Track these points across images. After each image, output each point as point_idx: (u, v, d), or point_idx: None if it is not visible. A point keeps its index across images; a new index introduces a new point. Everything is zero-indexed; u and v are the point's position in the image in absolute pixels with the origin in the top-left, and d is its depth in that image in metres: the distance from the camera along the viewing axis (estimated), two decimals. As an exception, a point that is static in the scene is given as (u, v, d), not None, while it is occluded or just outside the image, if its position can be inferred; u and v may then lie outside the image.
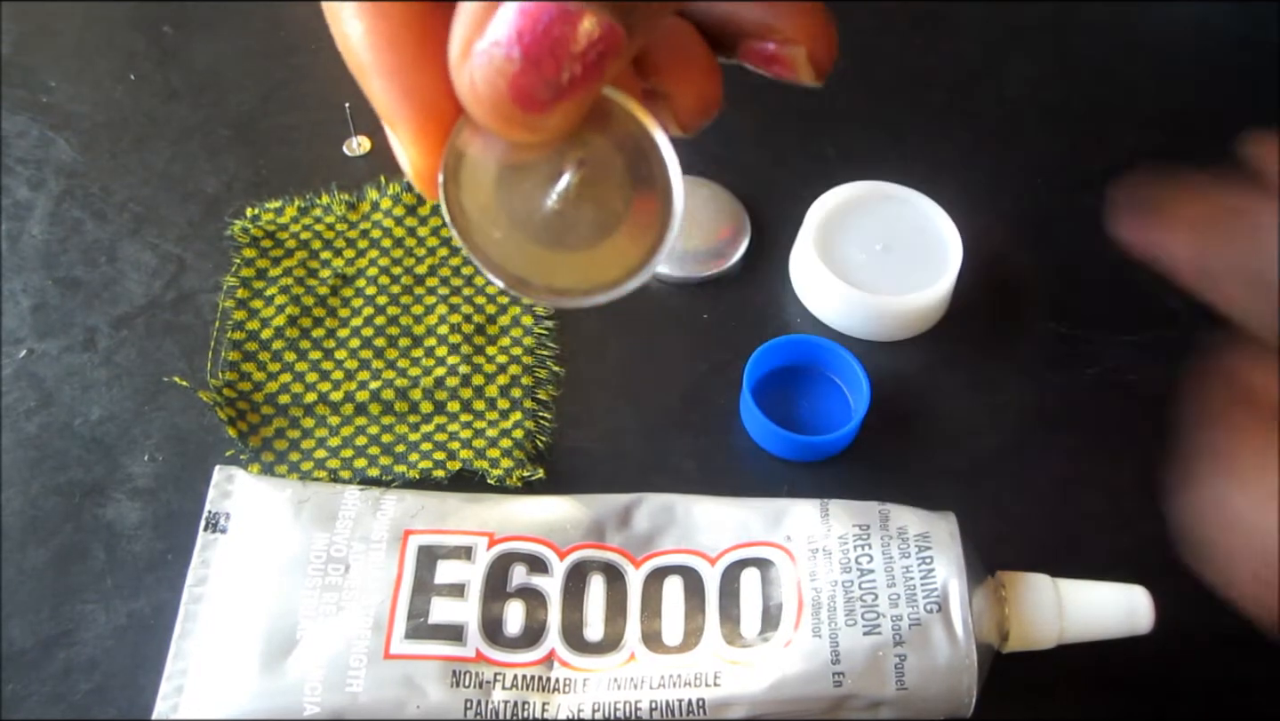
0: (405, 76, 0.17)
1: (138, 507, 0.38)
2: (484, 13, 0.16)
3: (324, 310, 0.43)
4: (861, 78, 0.53)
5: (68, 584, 0.37)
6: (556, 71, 0.15)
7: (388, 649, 0.33)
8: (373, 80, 0.18)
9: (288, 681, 0.32)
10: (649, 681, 0.33)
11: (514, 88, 0.16)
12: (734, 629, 0.33)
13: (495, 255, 0.18)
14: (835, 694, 0.32)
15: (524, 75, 0.16)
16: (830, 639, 0.32)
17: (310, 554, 0.34)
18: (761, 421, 0.40)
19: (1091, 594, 0.33)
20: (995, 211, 0.48)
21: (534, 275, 0.19)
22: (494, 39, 0.15)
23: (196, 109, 0.50)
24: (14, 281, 0.44)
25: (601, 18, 0.15)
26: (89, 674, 0.35)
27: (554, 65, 0.15)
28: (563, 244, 0.19)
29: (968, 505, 0.36)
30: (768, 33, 0.20)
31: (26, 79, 0.50)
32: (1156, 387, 0.43)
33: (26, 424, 0.40)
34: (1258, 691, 0.37)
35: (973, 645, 0.32)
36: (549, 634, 0.34)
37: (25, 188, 0.46)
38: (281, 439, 0.40)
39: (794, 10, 0.20)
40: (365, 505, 0.36)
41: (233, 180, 0.47)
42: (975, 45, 0.55)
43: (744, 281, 0.45)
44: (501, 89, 0.16)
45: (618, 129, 0.19)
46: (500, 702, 0.32)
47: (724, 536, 0.35)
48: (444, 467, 0.39)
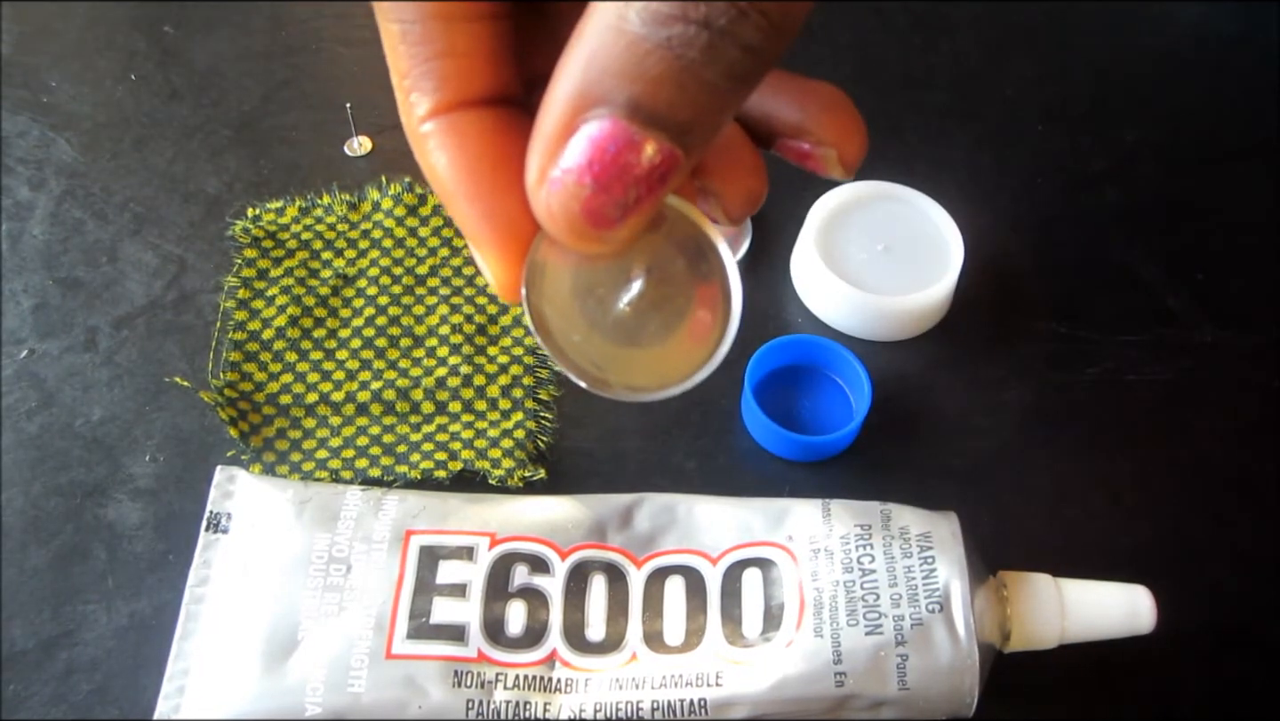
0: (486, 201, 0.19)
1: (139, 508, 0.38)
2: (557, 142, 0.17)
3: (325, 310, 0.43)
4: (861, 78, 0.53)
5: (69, 584, 0.37)
6: (623, 193, 0.17)
7: (389, 649, 0.33)
8: (458, 205, 0.20)
9: (289, 682, 0.32)
10: (651, 681, 0.33)
11: (586, 210, 0.18)
12: (736, 629, 0.33)
13: (575, 356, 0.20)
14: (837, 694, 0.32)
15: (595, 198, 0.17)
16: (832, 639, 0.32)
17: (312, 554, 0.34)
18: (763, 421, 0.40)
19: (1093, 594, 0.33)
20: (995, 211, 0.48)
21: (611, 374, 0.20)
22: (566, 166, 0.17)
23: (197, 109, 0.50)
24: (15, 281, 0.44)
25: (661, 143, 0.17)
26: (90, 674, 0.35)
27: (621, 188, 0.17)
28: (635, 343, 0.21)
29: (969, 505, 0.36)
30: (802, 134, 0.22)
31: (27, 79, 0.50)
32: (1156, 388, 0.44)
33: (28, 424, 0.40)
34: (1258, 691, 0.37)
35: (974, 645, 0.32)
36: (550, 634, 0.34)
37: (26, 188, 0.46)
38: (283, 439, 0.40)
39: (826, 113, 0.22)
40: (367, 505, 0.36)
41: (234, 180, 0.47)
42: (975, 45, 0.55)
43: (745, 282, 0.45)
44: (575, 211, 0.18)
45: (678, 232, 0.20)
46: (502, 703, 0.32)
47: (725, 536, 0.35)
48: (445, 468, 0.39)
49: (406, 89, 0.20)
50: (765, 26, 0.17)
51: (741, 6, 0.16)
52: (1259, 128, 0.51)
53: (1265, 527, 0.40)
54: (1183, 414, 0.43)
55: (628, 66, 0.17)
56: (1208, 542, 0.40)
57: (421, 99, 0.20)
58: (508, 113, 0.20)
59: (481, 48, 0.20)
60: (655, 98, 0.17)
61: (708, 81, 0.17)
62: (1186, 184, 0.48)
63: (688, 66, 0.16)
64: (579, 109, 0.17)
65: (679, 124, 0.17)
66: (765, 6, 0.16)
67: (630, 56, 0.16)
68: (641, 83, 0.17)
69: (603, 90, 0.17)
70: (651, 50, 0.16)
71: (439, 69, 0.19)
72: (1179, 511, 0.40)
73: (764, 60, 0.17)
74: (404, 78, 0.20)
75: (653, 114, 0.17)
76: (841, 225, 0.45)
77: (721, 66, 0.17)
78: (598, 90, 0.17)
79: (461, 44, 0.19)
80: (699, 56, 0.16)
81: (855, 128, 0.22)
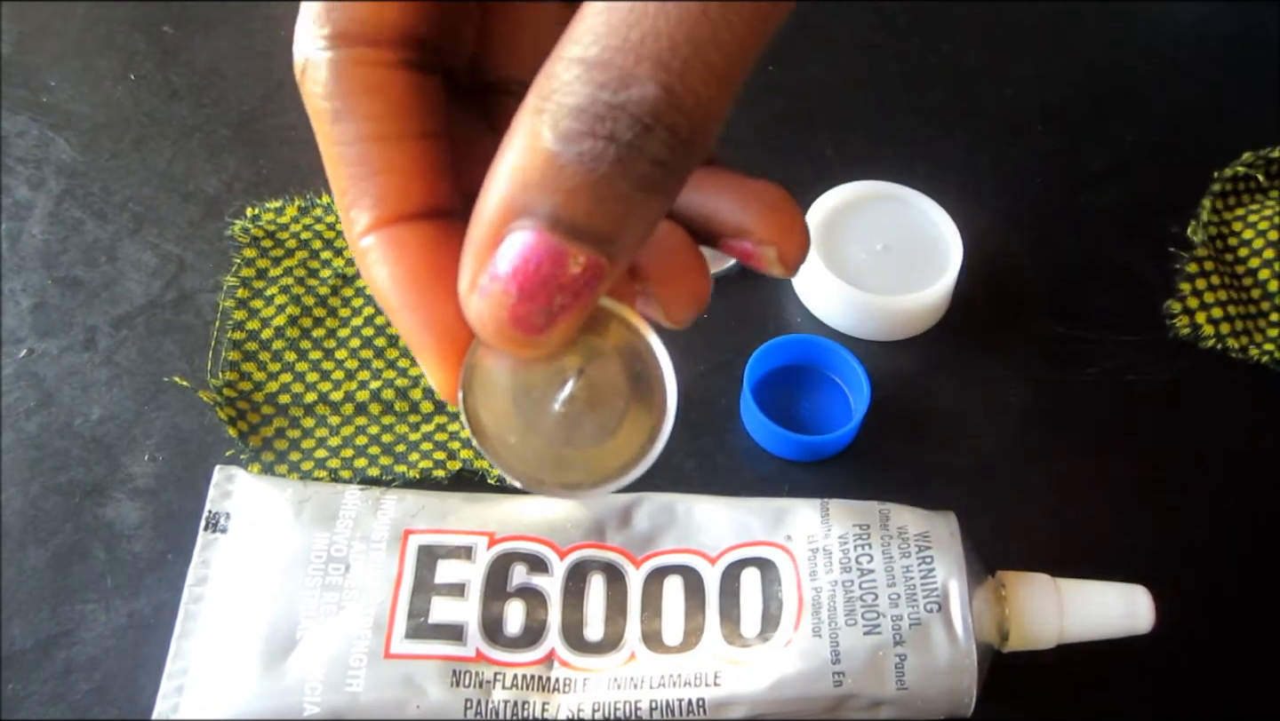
0: (424, 310, 0.20)
1: (138, 507, 0.38)
2: (485, 252, 0.18)
3: (324, 310, 0.43)
4: (862, 78, 0.53)
5: (68, 584, 0.37)
6: (548, 300, 0.18)
7: (388, 648, 0.33)
8: (399, 315, 0.21)
9: (288, 681, 0.32)
10: (649, 681, 0.33)
11: (513, 316, 0.18)
12: (734, 628, 0.33)
13: (511, 458, 0.21)
14: (835, 693, 0.32)
15: (521, 306, 0.18)
16: (830, 638, 0.32)
17: (310, 553, 0.34)
18: (762, 421, 0.40)
19: (1092, 593, 0.33)
20: (995, 211, 0.48)
21: (547, 474, 0.21)
22: (493, 275, 0.18)
23: (197, 109, 0.50)
24: (14, 281, 0.44)
25: (585, 253, 0.18)
26: (89, 674, 0.35)
27: (546, 296, 0.18)
28: (571, 443, 0.21)
29: (968, 505, 0.36)
30: (743, 234, 0.23)
31: (26, 79, 0.50)
32: (1156, 388, 0.44)
33: (27, 423, 0.40)
34: (1257, 691, 0.37)
35: (973, 645, 0.32)
36: (549, 633, 0.34)
37: (25, 187, 0.46)
38: (282, 438, 0.40)
39: (767, 213, 0.22)
40: (365, 505, 0.36)
41: (233, 180, 0.47)
42: (975, 45, 0.55)
43: (744, 281, 0.45)
44: (503, 318, 0.18)
45: (614, 333, 0.21)
46: (500, 702, 0.32)
47: (724, 536, 0.35)
48: (444, 467, 0.39)
49: (346, 205, 0.21)
50: (672, 141, 0.17)
51: (646, 122, 0.17)
52: (1259, 128, 0.51)
53: (1265, 528, 0.40)
54: (1183, 414, 0.43)
55: (546, 179, 0.17)
56: (1207, 542, 0.40)
57: (360, 215, 0.21)
58: (445, 225, 0.21)
59: (416, 165, 0.21)
60: (574, 209, 0.17)
61: (622, 193, 0.17)
62: (1186, 184, 0.48)
63: (601, 179, 0.17)
64: (504, 220, 0.18)
65: (600, 234, 0.18)
66: (672, 121, 0.17)
67: (548, 169, 0.17)
68: (560, 194, 0.17)
69: (525, 202, 0.18)
70: (566, 165, 0.17)
71: (376, 186, 0.20)
72: (1178, 511, 0.40)
73: (675, 172, 0.18)
74: (343, 195, 0.21)
75: (572, 225, 0.18)
76: (841, 225, 0.45)
77: (634, 179, 0.17)
78: (521, 202, 0.18)
79: (397, 162, 0.20)
80: (609, 170, 0.17)
81: (795, 227, 0.23)
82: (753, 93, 0.56)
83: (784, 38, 0.56)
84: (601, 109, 0.17)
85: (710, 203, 0.23)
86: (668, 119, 0.17)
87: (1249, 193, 0.48)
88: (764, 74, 0.52)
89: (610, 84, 0.17)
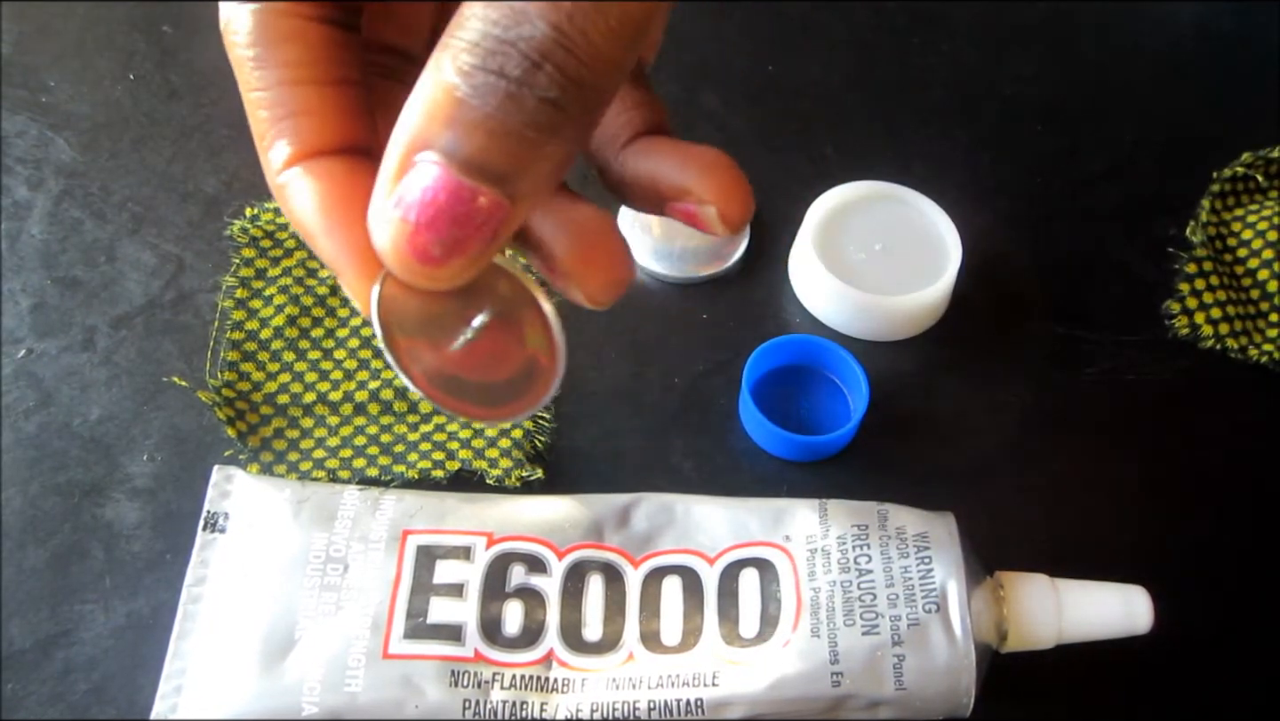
0: (338, 234, 0.21)
1: (137, 507, 0.38)
2: (391, 182, 0.19)
3: (323, 310, 0.43)
4: (861, 78, 0.53)
5: (67, 584, 0.37)
6: (445, 233, 0.19)
7: (386, 648, 0.33)
8: (316, 242, 0.21)
9: (286, 681, 0.32)
10: (647, 681, 0.33)
11: (412, 245, 0.19)
12: (733, 629, 0.33)
13: (416, 375, 0.21)
14: (834, 694, 0.32)
15: (418, 235, 0.19)
16: (829, 639, 0.32)
17: (309, 554, 0.34)
18: (760, 421, 0.40)
19: (1090, 594, 0.33)
20: (995, 211, 0.48)
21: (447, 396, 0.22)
22: (395, 204, 0.19)
23: (196, 109, 0.50)
24: (13, 281, 0.44)
25: (484, 190, 0.18)
26: (88, 674, 0.35)
27: (443, 228, 0.19)
28: (470, 375, 0.22)
29: (966, 505, 0.36)
30: (684, 195, 0.23)
31: (26, 79, 0.50)
32: (1156, 388, 0.44)
33: (25, 423, 0.40)
34: (1257, 691, 0.37)
35: (971, 645, 0.32)
36: (548, 634, 0.34)
37: (24, 187, 0.46)
38: (280, 439, 0.40)
39: (705, 174, 0.23)
40: (364, 505, 0.36)
41: (232, 180, 0.47)
42: (975, 45, 0.55)
43: (743, 281, 0.45)
44: (403, 246, 0.19)
45: (521, 297, 0.22)
46: (499, 702, 0.32)
47: (723, 536, 0.35)
48: (443, 467, 0.39)
49: (265, 148, 0.22)
50: (561, 80, 0.18)
51: (534, 59, 0.17)
52: (1259, 128, 0.51)
53: (1264, 527, 0.40)
54: (1182, 414, 0.43)
55: (447, 114, 0.18)
56: (1207, 543, 0.40)
57: (279, 153, 0.21)
58: (363, 161, 0.22)
59: (333, 107, 0.22)
60: (471, 144, 0.18)
61: (515, 131, 0.18)
62: (1186, 184, 0.48)
63: (492, 115, 0.18)
64: (410, 151, 0.18)
65: (496, 171, 0.18)
66: (561, 60, 0.18)
67: (448, 104, 0.18)
68: (458, 129, 0.18)
69: (429, 135, 0.18)
70: (463, 99, 0.18)
71: (294, 125, 0.21)
72: (1178, 511, 0.40)
73: (569, 114, 0.18)
74: (263, 139, 0.22)
75: (469, 160, 0.18)
76: (839, 225, 0.45)
77: (525, 116, 0.18)
78: (425, 135, 0.18)
79: (315, 103, 0.21)
80: (500, 105, 0.18)
81: (735, 186, 0.23)
82: (753, 93, 0.56)
83: (784, 38, 0.56)
84: (493, 44, 0.17)
85: (653, 168, 0.24)
86: (556, 58, 0.17)
87: (1248, 193, 0.48)
88: (764, 74, 0.52)
89: (503, 21, 0.17)
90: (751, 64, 0.53)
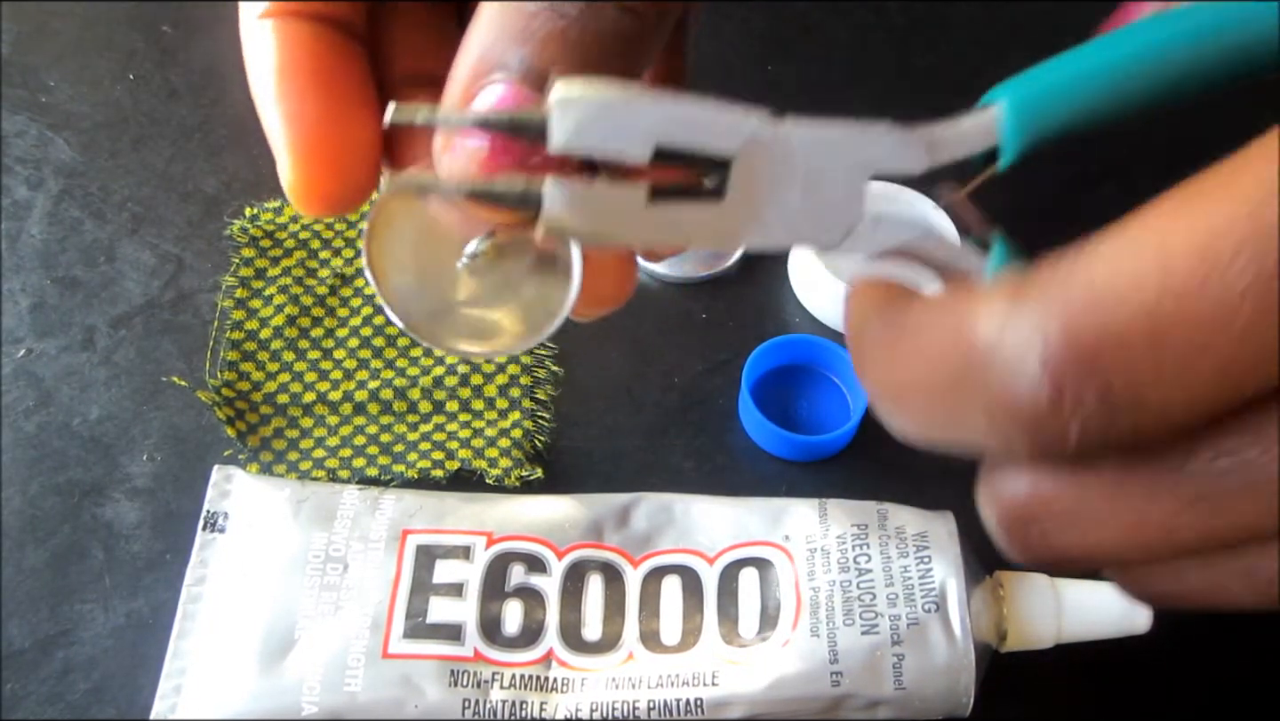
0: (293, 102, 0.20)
1: (136, 507, 0.38)
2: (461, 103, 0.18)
3: (323, 310, 0.43)
4: (861, 78, 0.53)
5: (66, 583, 0.37)
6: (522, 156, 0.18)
7: (386, 648, 0.33)
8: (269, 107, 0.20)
9: (286, 681, 0.32)
10: (647, 681, 0.33)
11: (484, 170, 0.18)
12: (732, 628, 0.33)
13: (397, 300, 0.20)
14: (833, 693, 0.32)
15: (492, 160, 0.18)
16: (828, 638, 0.32)
17: (309, 553, 0.34)
18: (760, 421, 0.40)
19: (1089, 594, 0.33)
20: (993, 211, 0.48)
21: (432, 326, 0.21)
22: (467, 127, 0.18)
23: (196, 109, 0.50)
24: (13, 281, 0.44)
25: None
26: (87, 673, 0.35)
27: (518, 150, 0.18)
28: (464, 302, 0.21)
29: (966, 504, 0.35)
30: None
31: (26, 79, 0.50)
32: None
33: (25, 423, 0.40)
34: (1257, 691, 0.37)
35: (971, 645, 0.32)
36: (547, 633, 0.34)
37: (24, 187, 0.46)
38: (280, 438, 0.40)
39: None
40: (364, 504, 0.36)
41: (232, 180, 0.47)
42: (975, 45, 0.55)
43: (743, 281, 0.45)
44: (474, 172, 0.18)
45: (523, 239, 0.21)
46: (498, 702, 0.32)
47: (722, 536, 0.35)
48: (442, 467, 0.39)
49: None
50: None
51: None
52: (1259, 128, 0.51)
53: (1263, 528, 0.40)
54: (1181, 414, 0.43)
55: (518, 28, 0.17)
56: (1206, 543, 0.40)
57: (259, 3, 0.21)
58: (342, 36, 0.21)
59: None
60: (545, 57, 0.17)
61: (590, 40, 0.17)
62: (1185, 184, 0.48)
63: (571, 24, 0.17)
64: (477, 75, 0.18)
65: None
66: None
67: (519, 18, 0.17)
68: (531, 43, 0.17)
69: (498, 54, 0.17)
70: (537, 11, 0.17)
71: None
72: (1177, 511, 0.40)
73: (644, 21, 0.18)
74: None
75: (544, 74, 0.17)
76: (839, 225, 0.45)
77: (604, 23, 0.17)
78: (493, 55, 0.17)
79: None
80: (579, 14, 0.17)
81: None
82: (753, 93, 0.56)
83: (784, 38, 0.56)
84: None
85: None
86: None
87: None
88: (764, 74, 0.52)
89: None
90: (751, 64, 0.53)
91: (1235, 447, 0.15)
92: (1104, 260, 0.14)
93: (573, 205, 0.18)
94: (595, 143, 0.17)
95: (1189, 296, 0.13)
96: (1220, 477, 0.15)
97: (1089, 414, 0.14)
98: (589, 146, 0.17)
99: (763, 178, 0.18)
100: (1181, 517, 0.16)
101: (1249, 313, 0.13)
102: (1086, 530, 0.17)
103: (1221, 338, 0.13)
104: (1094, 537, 0.17)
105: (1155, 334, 0.14)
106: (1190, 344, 0.14)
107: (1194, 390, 0.14)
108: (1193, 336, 0.13)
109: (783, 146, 0.18)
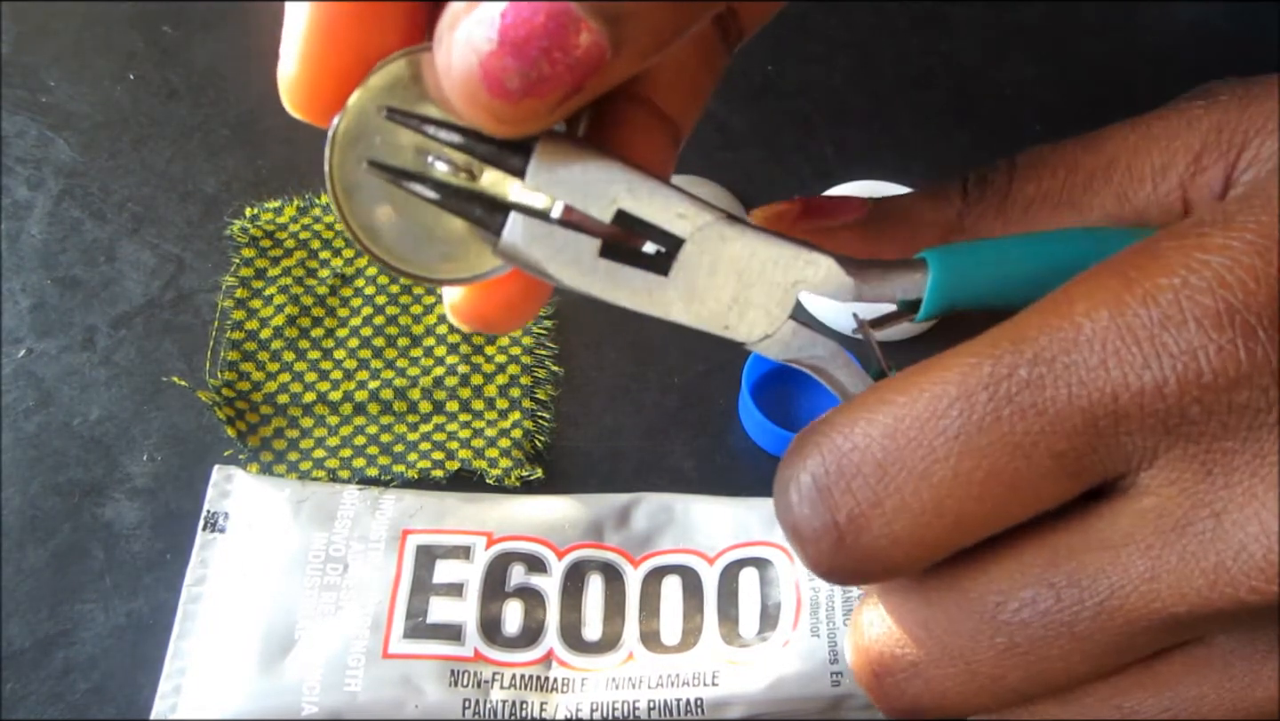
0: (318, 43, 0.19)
1: (136, 507, 0.38)
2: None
3: (323, 310, 0.43)
4: (861, 78, 0.53)
5: (66, 583, 0.37)
6: (530, 62, 0.16)
7: (386, 648, 0.33)
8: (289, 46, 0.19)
9: (286, 681, 0.32)
10: (647, 681, 0.33)
11: (485, 68, 0.16)
12: (732, 628, 0.33)
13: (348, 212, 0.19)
14: (833, 693, 0.32)
15: (496, 57, 0.16)
16: (828, 638, 0.32)
17: (309, 553, 0.34)
18: (760, 421, 0.40)
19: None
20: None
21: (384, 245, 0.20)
22: (479, 18, 0.16)
23: (196, 109, 0.50)
24: (13, 281, 0.44)
25: (591, 28, 0.16)
26: (87, 673, 0.35)
27: (529, 55, 0.16)
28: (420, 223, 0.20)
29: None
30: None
31: (26, 79, 0.50)
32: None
33: (25, 423, 0.40)
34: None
35: (971, 645, 0.32)
36: (547, 633, 0.34)
37: (24, 187, 0.46)
38: (280, 438, 0.40)
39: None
40: (364, 505, 0.36)
41: (232, 180, 0.47)
42: (975, 45, 0.55)
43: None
44: (473, 67, 0.16)
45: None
46: (498, 702, 0.32)
47: (722, 536, 0.35)
48: (443, 467, 0.39)
49: None
50: None
51: None
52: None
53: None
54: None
55: None
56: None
57: None
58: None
59: None
60: None
61: None
62: (1186, 184, 0.48)
63: None
64: None
65: (611, 9, 0.16)
66: None
67: None
68: None
69: None
70: None
71: None
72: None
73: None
74: None
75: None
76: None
77: None
78: None
79: None
80: None
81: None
82: (753, 93, 0.56)
83: (784, 38, 0.56)
84: None
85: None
86: None
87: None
88: (764, 74, 0.52)
89: None
90: (751, 64, 0.53)
91: (1021, 594, 0.17)
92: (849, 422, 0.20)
93: (530, 238, 0.19)
94: (564, 192, 0.19)
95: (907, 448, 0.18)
96: (1022, 626, 0.17)
97: (824, 536, 0.19)
98: (559, 192, 0.19)
99: (704, 267, 0.20)
100: (1002, 665, 0.17)
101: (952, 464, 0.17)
102: (929, 679, 0.18)
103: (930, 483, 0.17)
104: (938, 687, 0.18)
105: (881, 471, 0.18)
106: (906, 483, 0.17)
107: (912, 521, 0.18)
108: (908, 479, 0.17)
109: (729, 246, 0.20)
